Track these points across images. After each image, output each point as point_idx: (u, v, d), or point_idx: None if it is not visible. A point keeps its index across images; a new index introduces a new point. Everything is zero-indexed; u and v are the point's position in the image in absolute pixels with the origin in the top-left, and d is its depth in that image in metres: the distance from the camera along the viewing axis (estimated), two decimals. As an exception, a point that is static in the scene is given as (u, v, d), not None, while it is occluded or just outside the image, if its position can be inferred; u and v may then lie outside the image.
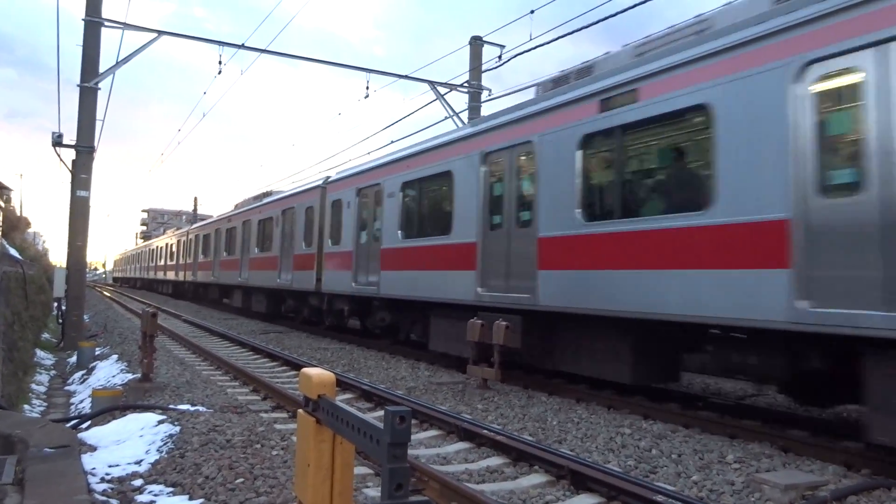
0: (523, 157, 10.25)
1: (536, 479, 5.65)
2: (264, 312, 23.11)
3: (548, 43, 15.44)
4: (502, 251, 10.47)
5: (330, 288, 16.85)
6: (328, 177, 18.43)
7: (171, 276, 42.54)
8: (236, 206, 28.65)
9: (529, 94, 11.09)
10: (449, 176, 12.00)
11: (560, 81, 10.22)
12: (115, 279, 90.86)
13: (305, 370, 2.65)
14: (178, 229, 47.18)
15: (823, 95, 6.33)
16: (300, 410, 2.65)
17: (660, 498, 4.71)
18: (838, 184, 6.15)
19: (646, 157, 8.59)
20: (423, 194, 13.28)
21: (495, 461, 6.17)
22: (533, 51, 16.89)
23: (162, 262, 46.27)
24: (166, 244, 45.01)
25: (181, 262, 38.97)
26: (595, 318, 8.65)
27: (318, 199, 18.15)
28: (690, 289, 7.28)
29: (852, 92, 6.09)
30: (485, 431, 6.76)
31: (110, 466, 5.67)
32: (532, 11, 15.45)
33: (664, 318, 7.59)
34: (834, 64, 6.18)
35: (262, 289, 23.21)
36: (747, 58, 6.97)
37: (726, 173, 7.05)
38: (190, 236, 36.92)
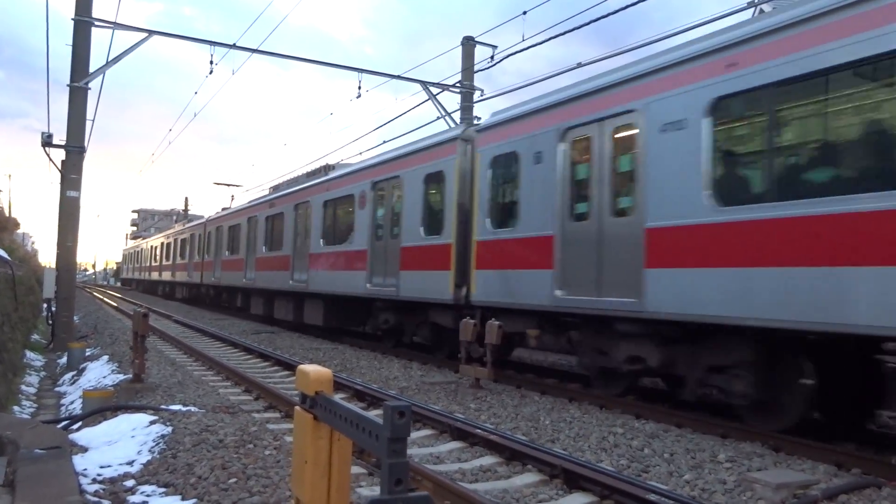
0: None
1: (529, 478, 5.67)
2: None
3: (540, 44, 15.48)
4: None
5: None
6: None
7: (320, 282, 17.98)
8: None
9: (522, 95, 11.31)
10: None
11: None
12: (123, 281, 72.28)
13: (302, 367, 2.66)
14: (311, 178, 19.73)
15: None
16: (297, 407, 2.65)
17: (652, 497, 4.73)
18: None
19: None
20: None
21: (488, 460, 6.18)
22: (525, 51, 16.92)
23: (270, 250, 21.57)
24: (269, 215, 22.10)
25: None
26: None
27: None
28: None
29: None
30: (478, 431, 6.77)
31: (102, 467, 5.64)
32: (524, 12, 15.51)
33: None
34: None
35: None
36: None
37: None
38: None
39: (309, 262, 18.08)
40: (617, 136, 8.60)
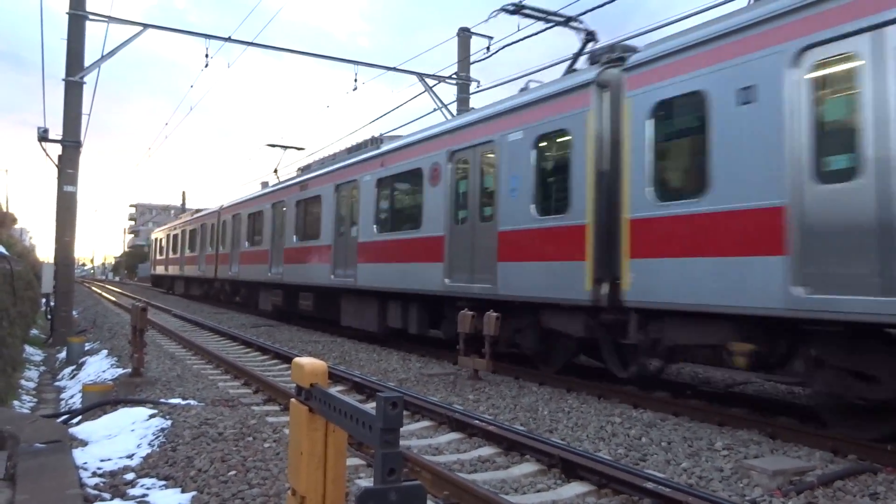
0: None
1: (528, 467, 5.70)
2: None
3: (535, 34, 15.40)
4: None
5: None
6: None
7: None
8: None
9: (518, 86, 11.12)
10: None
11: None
12: (154, 280, 47.06)
13: (297, 359, 2.67)
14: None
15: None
16: (293, 399, 2.67)
17: (650, 485, 4.76)
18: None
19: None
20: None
21: (487, 451, 6.20)
22: (521, 42, 16.87)
23: None
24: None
25: None
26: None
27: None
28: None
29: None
30: (476, 422, 6.80)
31: (102, 461, 5.66)
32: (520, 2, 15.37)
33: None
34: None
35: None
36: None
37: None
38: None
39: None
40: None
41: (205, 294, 31.65)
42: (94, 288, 52.23)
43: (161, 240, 42.64)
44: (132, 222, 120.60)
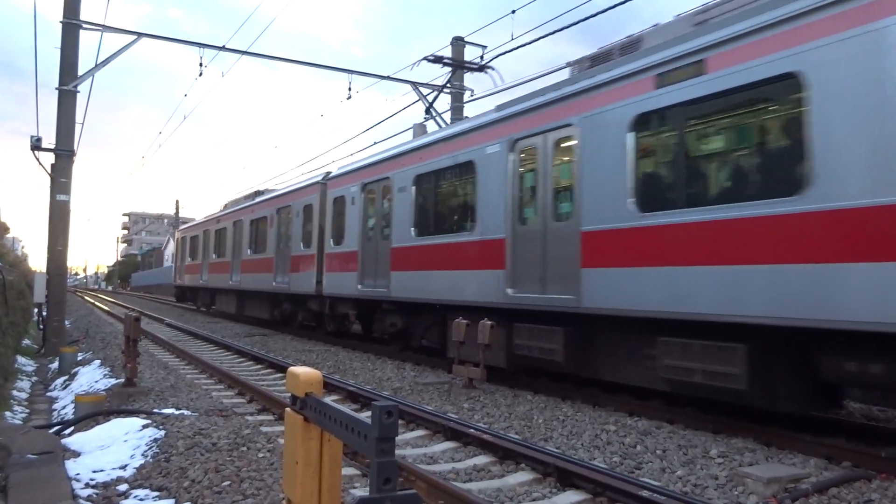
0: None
1: (523, 476, 5.69)
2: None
3: (528, 44, 15.48)
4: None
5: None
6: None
7: None
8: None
9: (510, 95, 11.33)
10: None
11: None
12: (178, 292, 35.74)
13: (292, 369, 2.67)
14: None
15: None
16: (287, 409, 2.67)
17: (645, 493, 4.76)
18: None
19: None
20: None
21: (482, 460, 6.19)
22: (514, 51, 16.90)
23: None
24: None
25: None
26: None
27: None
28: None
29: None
30: (471, 431, 6.79)
31: (95, 472, 5.62)
32: (513, 11, 15.46)
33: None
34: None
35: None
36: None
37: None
38: None
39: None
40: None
41: (284, 318, 19.88)
42: (86, 297, 51.97)
43: (194, 238, 30.41)
44: (125, 231, 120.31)
